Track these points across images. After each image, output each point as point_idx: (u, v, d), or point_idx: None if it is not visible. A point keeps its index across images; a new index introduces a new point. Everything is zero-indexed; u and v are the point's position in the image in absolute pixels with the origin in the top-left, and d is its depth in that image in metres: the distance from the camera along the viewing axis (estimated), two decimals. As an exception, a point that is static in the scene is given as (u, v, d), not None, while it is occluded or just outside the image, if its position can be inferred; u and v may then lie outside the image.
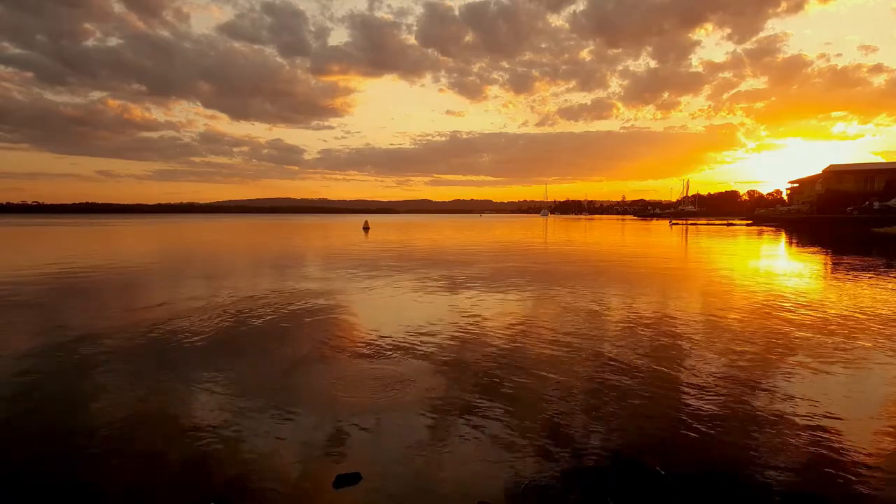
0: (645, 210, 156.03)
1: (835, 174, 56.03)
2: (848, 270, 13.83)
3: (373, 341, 6.42)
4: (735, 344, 6.25)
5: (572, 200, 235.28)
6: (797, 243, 26.14)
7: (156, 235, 35.74)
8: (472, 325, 7.37)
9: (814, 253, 20.14)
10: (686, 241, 29.82)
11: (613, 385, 4.82)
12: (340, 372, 5.25)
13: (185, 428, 3.93)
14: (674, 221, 75.30)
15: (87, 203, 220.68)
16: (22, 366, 5.50)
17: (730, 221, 66.87)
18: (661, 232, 42.13)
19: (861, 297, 9.44)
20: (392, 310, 8.60)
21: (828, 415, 4.13)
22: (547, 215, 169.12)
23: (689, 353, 5.86)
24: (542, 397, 4.55)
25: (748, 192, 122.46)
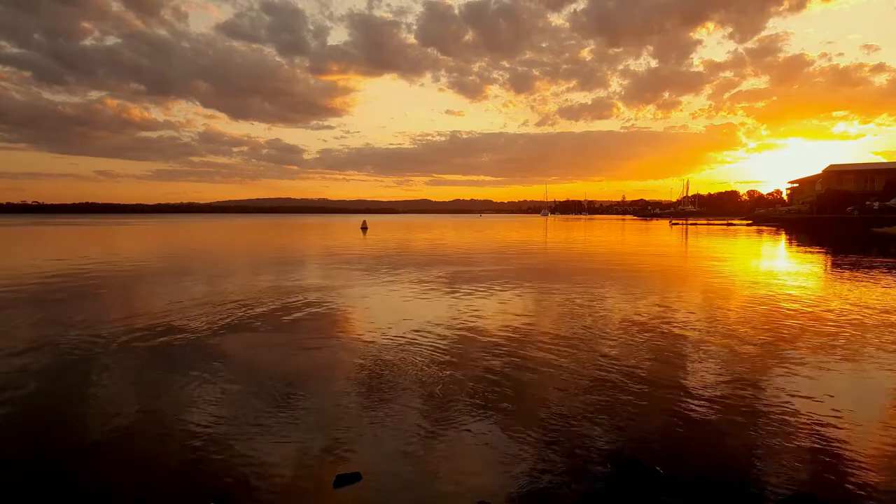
0: (645, 210, 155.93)
1: (835, 174, 55.98)
2: (848, 270, 13.82)
3: (372, 342, 6.42)
4: (735, 344, 6.25)
5: (572, 200, 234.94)
6: (797, 243, 26.13)
7: (158, 235, 35.75)
8: (471, 324, 7.37)
9: (814, 253, 20.14)
10: (686, 241, 29.82)
11: (614, 385, 4.82)
12: (340, 372, 5.25)
13: (186, 427, 3.93)
14: (674, 221, 75.25)
15: (87, 203, 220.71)
16: (23, 365, 5.50)
17: (730, 221, 66.84)
18: (662, 232, 42.12)
19: (861, 297, 9.44)
20: (391, 310, 8.60)
21: (828, 414, 4.13)
22: (547, 215, 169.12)
23: (690, 353, 5.86)
24: (543, 397, 4.55)
25: (748, 192, 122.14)
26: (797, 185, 68.63)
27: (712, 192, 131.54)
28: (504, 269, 14.76)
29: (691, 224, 61.83)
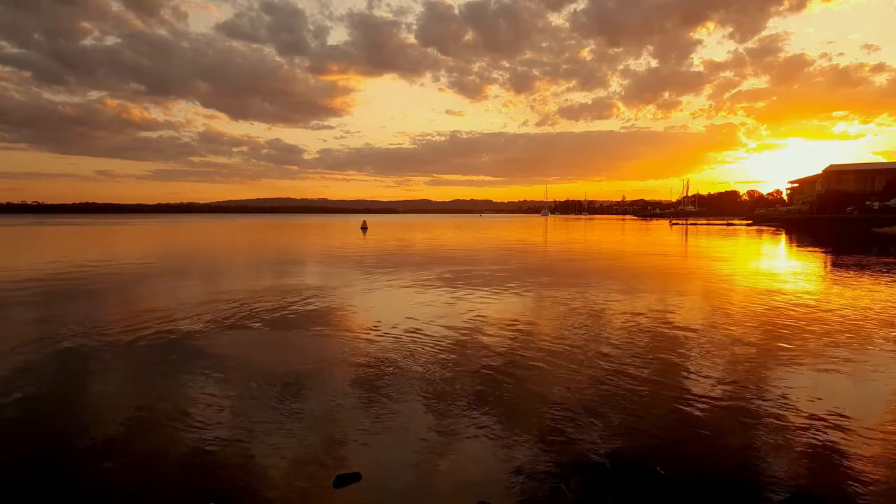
0: (645, 210, 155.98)
1: (835, 174, 55.99)
2: (848, 270, 13.82)
3: (371, 342, 6.42)
4: (735, 344, 6.25)
5: (572, 200, 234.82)
6: (797, 243, 26.14)
7: (159, 235, 35.76)
8: (471, 324, 7.37)
9: (814, 253, 20.14)
10: (686, 241, 29.82)
11: (614, 385, 4.82)
12: (340, 372, 5.25)
13: (186, 427, 3.93)
14: (674, 221, 75.28)
15: (87, 203, 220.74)
16: (23, 365, 5.50)
17: (730, 221, 66.89)
18: (662, 232, 42.12)
19: (861, 297, 9.44)
20: (391, 309, 8.60)
21: (829, 415, 4.13)
22: (547, 215, 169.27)
23: (690, 353, 5.86)
24: (543, 396, 4.55)
25: (748, 192, 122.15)
26: (797, 185, 68.65)
27: (712, 192, 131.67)
28: (505, 268, 14.76)
29: (691, 224, 61.86)
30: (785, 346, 6.17)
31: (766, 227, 47.90)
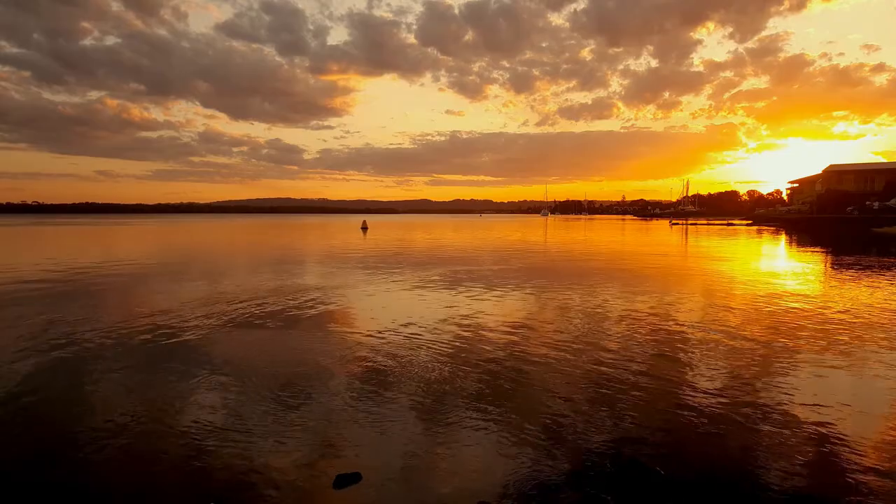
0: (645, 210, 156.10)
1: (835, 174, 56.00)
2: (848, 270, 13.82)
3: (372, 342, 6.42)
4: (736, 343, 6.25)
5: (572, 200, 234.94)
6: (797, 243, 26.13)
7: (159, 235, 35.76)
8: (472, 324, 7.37)
9: (814, 253, 20.13)
10: (686, 241, 29.80)
11: (614, 385, 4.82)
12: (340, 371, 5.25)
13: (186, 427, 3.93)
14: (674, 221, 75.29)
15: (87, 203, 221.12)
16: (23, 364, 5.50)
17: (730, 221, 66.91)
18: (662, 232, 42.11)
19: (861, 297, 9.44)
20: (392, 309, 8.60)
21: (829, 414, 4.13)
22: (547, 215, 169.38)
23: (690, 353, 5.86)
24: (543, 397, 4.55)
25: (748, 192, 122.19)
26: (797, 185, 68.66)
27: (712, 192, 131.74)
28: (505, 268, 14.76)
29: (691, 224, 61.85)
30: (785, 345, 6.17)
31: (766, 228, 47.88)
